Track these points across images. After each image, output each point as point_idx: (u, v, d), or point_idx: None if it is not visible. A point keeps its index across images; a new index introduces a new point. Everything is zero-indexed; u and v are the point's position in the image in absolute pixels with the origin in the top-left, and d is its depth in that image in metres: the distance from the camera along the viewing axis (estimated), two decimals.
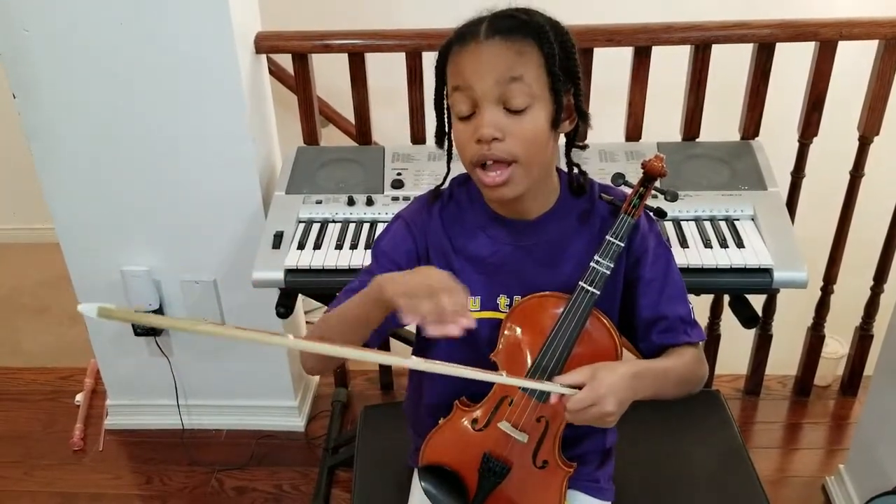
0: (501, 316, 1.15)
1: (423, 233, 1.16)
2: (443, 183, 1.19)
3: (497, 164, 1.03)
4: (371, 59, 1.95)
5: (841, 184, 2.06)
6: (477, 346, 1.16)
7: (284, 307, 1.75)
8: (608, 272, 1.08)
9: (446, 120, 1.11)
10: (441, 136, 1.13)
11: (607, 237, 1.09)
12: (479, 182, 1.07)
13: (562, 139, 1.13)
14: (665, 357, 1.15)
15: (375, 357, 0.90)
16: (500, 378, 1.02)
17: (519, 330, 1.13)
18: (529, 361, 1.11)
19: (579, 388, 1.00)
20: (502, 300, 1.16)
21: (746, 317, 1.73)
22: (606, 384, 0.99)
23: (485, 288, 1.16)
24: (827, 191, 2.11)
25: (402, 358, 0.89)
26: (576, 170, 1.15)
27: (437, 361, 0.93)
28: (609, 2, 2.29)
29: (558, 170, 1.16)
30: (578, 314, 1.08)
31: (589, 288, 1.08)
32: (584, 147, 1.15)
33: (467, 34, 1.02)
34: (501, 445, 1.15)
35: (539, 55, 1.01)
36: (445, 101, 1.09)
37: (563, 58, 1.03)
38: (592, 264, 1.09)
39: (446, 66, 1.06)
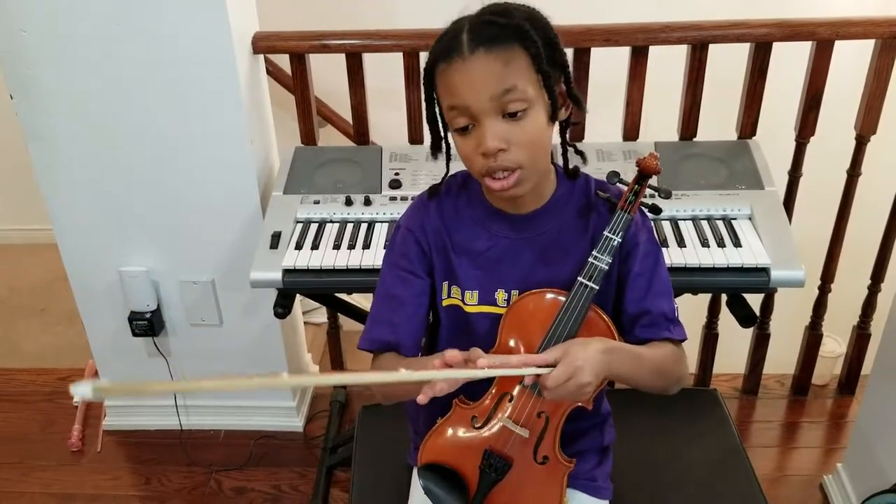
0: (499, 310, 1.15)
1: (423, 233, 1.17)
2: (443, 179, 1.20)
3: (505, 170, 1.04)
4: (369, 59, 1.95)
5: (838, 183, 2.07)
6: (476, 340, 1.16)
7: (282, 307, 1.75)
8: (606, 267, 1.10)
9: (441, 129, 1.12)
10: (437, 147, 1.14)
11: (605, 233, 1.11)
12: (488, 188, 1.08)
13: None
14: (643, 346, 1.15)
15: (367, 379, 0.94)
16: (475, 373, 1.01)
17: (517, 327, 1.13)
18: None
19: (554, 366, 1.02)
20: (500, 294, 1.16)
21: (744, 316, 1.73)
22: (581, 357, 1.01)
23: (482, 282, 1.16)
24: (824, 190, 2.11)
25: (393, 374, 0.93)
26: (571, 150, 1.16)
27: (421, 371, 0.98)
28: (606, 1, 2.30)
29: (555, 165, 1.17)
30: (577, 309, 1.09)
31: (588, 283, 1.09)
32: (577, 124, 1.15)
33: (451, 50, 1.01)
34: (502, 442, 1.16)
35: (526, 57, 1.00)
36: (438, 113, 1.10)
37: (550, 51, 1.02)
38: (591, 259, 1.10)
39: (435, 81, 1.06)
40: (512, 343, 1.13)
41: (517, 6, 1.04)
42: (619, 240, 1.10)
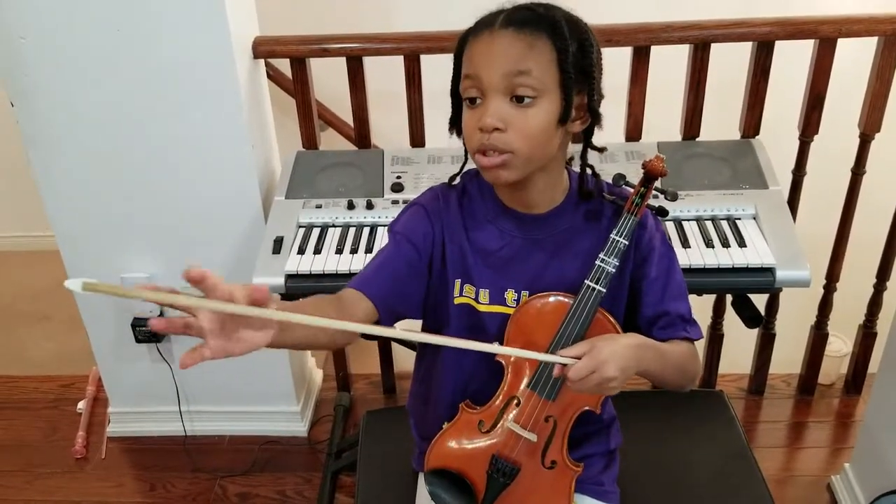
0: (508, 310, 1.15)
1: (440, 221, 1.17)
2: (461, 171, 1.19)
3: (496, 150, 1.04)
4: (369, 62, 1.94)
5: (842, 181, 2.06)
6: (486, 340, 1.16)
7: None
8: (613, 270, 1.09)
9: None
10: (454, 122, 1.13)
11: (611, 235, 1.10)
12: (478, 166, 1.08)
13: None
14: (665, 343, 1.15)
15: (364, 329, 0.90)
16: (499, 349, 1.04)
17: (525, 329, 1.13)
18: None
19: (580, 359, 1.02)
20: (510, 294, 1.16)
21: (749, 316, 1.72)
22: (606, 352, 1.01)
23: (493, 281, 1.16)
24: (828, 189, 2.10)
25: (393, 330, 0.91)
26: (589, 171, 1.15)
27: (434, 335, 0.95)
28: (607, 2, 2.29)
29: (569, 170, 1.17)
30: (585, 312, 1.09)
31: (595, 286, 1.09)
32: (601, 150, 1.14)
33: (483, 24, 1.04)
34: (510, 446, 1.15)
35: (551, 50, 1.01)
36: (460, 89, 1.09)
37: (579, 56, 1.03)
38: (598, 262, 1.09)
39: (463, 51, 1.06)
40: (519, 344, 1.13)
41: (564, 9, 1.05)
42: (626, 242, 1.10)
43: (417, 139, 2.03)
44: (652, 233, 1.16)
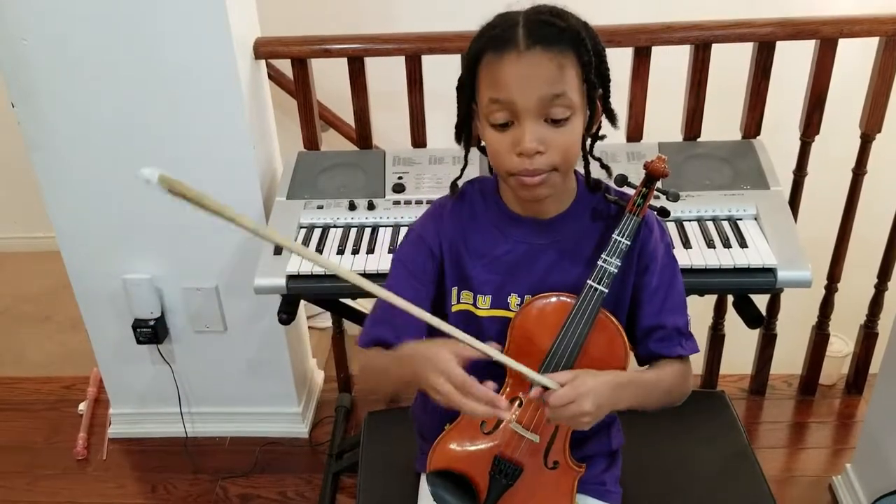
0: (510, 314, 1.15)
1: (437, 241, 1.17)
2: (459, 177, 1.19)
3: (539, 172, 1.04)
4: (370, 63, 1.94)
5: (843, 182, 2.06)
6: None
7: (287, 313, 1.75)
8: (615, 270, 1.09)
9: (473, 119, 1.10)
10: (460, 131, 1.13)
11: (613, 236, 1.10)
12: (515, 185, 1.06)
13: None
14: (654, 369, 1.17)
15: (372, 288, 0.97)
16: (493, 353, 1.02)
17: (527, 330, 1.13)
18: (538, 361, 1.11)
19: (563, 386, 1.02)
20: (513, 299, 1.16)
21: (751, 317, 1.72)
22: (587, 385, 1.01)
23: (496, 286, 1.16)
24: (829, 189, 2.10)
25: (395, 296, 0.97)
26: (597, 164, 1.15)
27: (437, 319, 0.99)
28: (608, 2, 2.29)
29: (576, 172, 1.17)
30: (587, 313, 1.09)
31: (597, 286, 1.09)
32: (602, 138, 1.14)
33: (504, 41, 1.00)
34: (512, 447, 1.15)
35: (577, 66, 1.00)
36: (472, 100, 1.08)
37: (598, 63, 1.03)
38: (600, 263, 1.10)
39: (479, 68, 1.04)
40: (521, 346, 1.13)
41: (577, 15, 1.04)
42: (628, 242, 1.10)
43: (419, 140, 2.03)
44: (657, 241, 1.16)
